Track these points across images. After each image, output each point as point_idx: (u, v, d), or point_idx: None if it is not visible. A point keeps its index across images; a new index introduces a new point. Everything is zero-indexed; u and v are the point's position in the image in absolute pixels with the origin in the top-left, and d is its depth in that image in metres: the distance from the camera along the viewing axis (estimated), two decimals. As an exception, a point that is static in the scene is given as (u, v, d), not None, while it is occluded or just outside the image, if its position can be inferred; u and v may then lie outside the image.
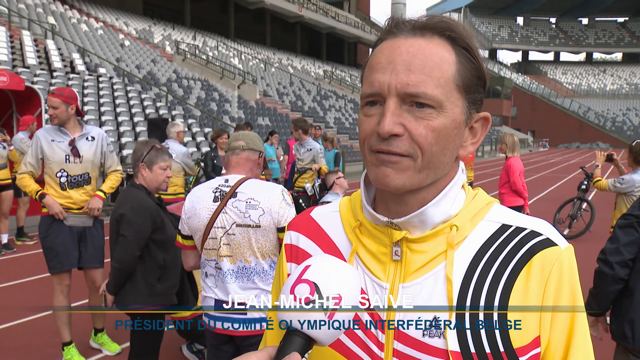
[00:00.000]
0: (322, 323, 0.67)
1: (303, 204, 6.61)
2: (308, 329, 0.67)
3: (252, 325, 2.34)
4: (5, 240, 7.17)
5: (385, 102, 0.75)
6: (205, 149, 15.01)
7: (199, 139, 15.81)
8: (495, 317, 0.75)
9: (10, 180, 7.13)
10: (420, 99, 0.73)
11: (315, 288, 0.68)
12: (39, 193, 3.79)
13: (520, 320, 0.75)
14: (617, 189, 5.29)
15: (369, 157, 0.77)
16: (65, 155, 3.80)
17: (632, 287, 2.22)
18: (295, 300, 0.68)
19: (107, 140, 4.03)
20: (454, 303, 0.76)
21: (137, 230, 2.79)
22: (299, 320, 0.67)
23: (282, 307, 0.69)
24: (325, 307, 0.67)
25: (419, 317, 0.77)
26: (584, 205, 9.03)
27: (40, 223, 3.88)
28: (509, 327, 0.75)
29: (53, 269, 3.87)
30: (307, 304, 0.67)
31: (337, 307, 0.67)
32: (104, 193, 3.99)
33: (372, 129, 0.76)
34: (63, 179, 3.81)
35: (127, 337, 4.17)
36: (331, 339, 0.69)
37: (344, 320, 0.68)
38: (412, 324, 0.77)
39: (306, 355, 0.68)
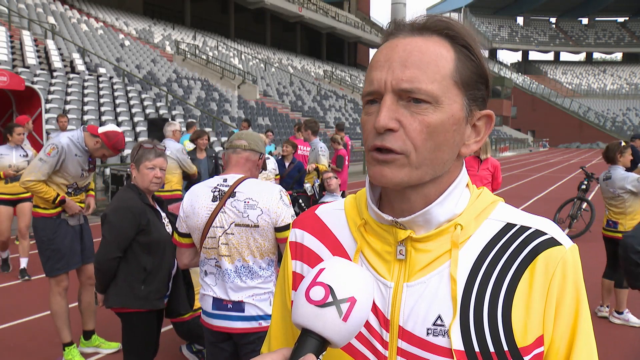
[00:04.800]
0: (337, 325, 0.68)
1: (303, 204, 6.61)
2: (323, 331, 0.68)
3: (250, 323, 2.35)
4: (24, 264, 6.02)
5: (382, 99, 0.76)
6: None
7: (199, 139, 15.78)
8: (500, 316, 0.75)
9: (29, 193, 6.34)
10: (415, 95, 0.73)
11: (330, 290, 0.69)
12: (59, 198, 3.70)
13: (524, 320, 0.75)
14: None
15: (368, 155, 0.79)
16: (82, 171, 3.78)
17: None
18: (310, 302, 0.69)
19: None
20: (458, 302, 0.76)
21: (117, 232, 2.76)
22: (314, 323, 0.68)
23: (297, 309, 0.70)
24: (340, 309, 0.68)
25: (423, 316, 0.77)
26: (584, 205, 9.04)
27: (42, 225, 3.76)
28: (512, 326, 0.75)
29: (58, 270, 3.80)
30: (322, 306, 0.68)
31: (352, 309, 0.68)
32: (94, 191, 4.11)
33: (371, 126, 0.77)
34: (70, 189, 3.82)
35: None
36: (345, 341, 0.69)
37: (358, 322, 0.69)
38: (416, 323, 0.78)
39: (320, 357, 0.69)
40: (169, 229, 2.96)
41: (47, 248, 3.77)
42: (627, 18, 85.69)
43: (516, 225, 0.80)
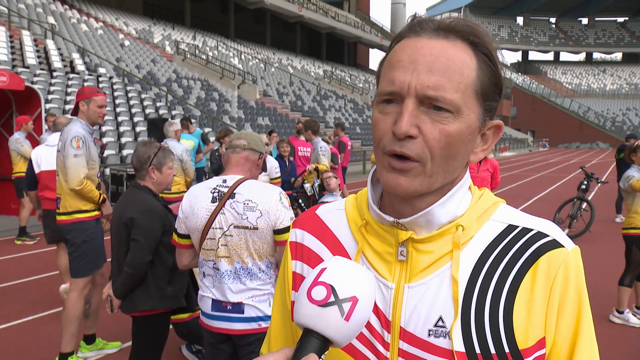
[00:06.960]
0: (339, 324, 0.68)
1: (303, 204, 6.61)
2: (325, 330, 0.68)
3: (250, 324, 2.34)
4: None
5: (403, 101, 0.74)
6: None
7: (199, 139, 15.79)
8: (501, 318, 0.75)
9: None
10: (439, 103, 0.72)
11: (331, 290, 0.69)
12: (101, 197, 3.78)
13: (525, 322, 0.75)
14: None
15: (382, 159, 0.77)
16: (99, 155, 3.87)
17: None
18: (312, 302, 0.69)
19: None
20: (460, 303, 0.76)
21: (149, 235, 2.76)
22: (316, 322, 0.68)
23: (299, 309, 0.70)
24: (342, 308, 0.68)
25: (425, 317, 0.77)
26: (584, 205, 9.04)
27: (82, 227, 3.77)
28: (514, 328, 0.75)
29: (95, 268, 3.86)
30: (324, 306, 0.68)
31: (354, 308, 0.68)
32: None
33: (387, 128, 0.75)
34: (99, 177, 3.88)
35: (125, 336, 4.17)
36: (348, 340, 0.69)
37: (360, 322, 0.69)
38: (417, 324, 0.78)
39: (322, 356, 0.69)
40: None
41: (85, 250, 3.80)
42: (627, 18, 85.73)
43: (518, 227, 0.80)
